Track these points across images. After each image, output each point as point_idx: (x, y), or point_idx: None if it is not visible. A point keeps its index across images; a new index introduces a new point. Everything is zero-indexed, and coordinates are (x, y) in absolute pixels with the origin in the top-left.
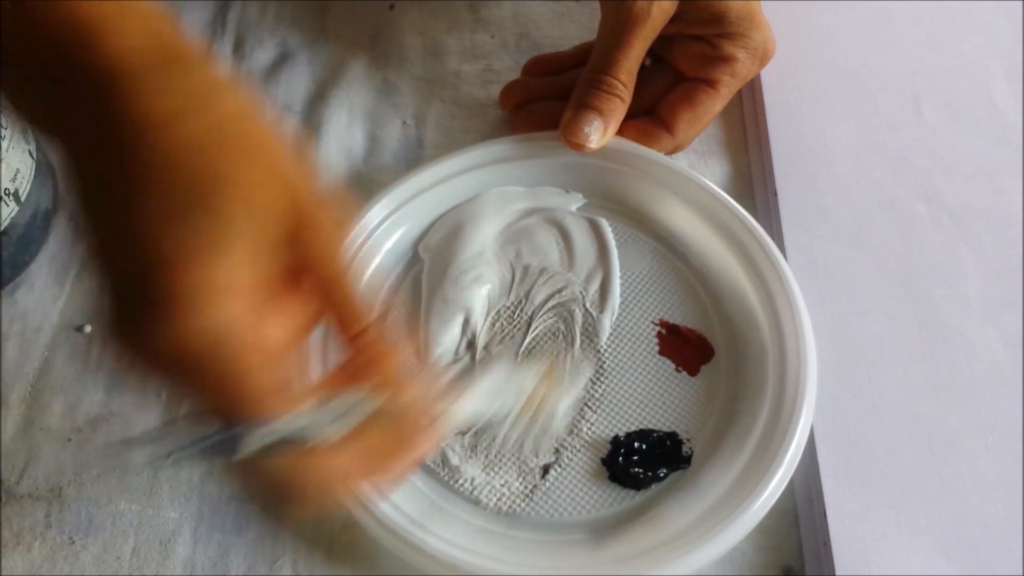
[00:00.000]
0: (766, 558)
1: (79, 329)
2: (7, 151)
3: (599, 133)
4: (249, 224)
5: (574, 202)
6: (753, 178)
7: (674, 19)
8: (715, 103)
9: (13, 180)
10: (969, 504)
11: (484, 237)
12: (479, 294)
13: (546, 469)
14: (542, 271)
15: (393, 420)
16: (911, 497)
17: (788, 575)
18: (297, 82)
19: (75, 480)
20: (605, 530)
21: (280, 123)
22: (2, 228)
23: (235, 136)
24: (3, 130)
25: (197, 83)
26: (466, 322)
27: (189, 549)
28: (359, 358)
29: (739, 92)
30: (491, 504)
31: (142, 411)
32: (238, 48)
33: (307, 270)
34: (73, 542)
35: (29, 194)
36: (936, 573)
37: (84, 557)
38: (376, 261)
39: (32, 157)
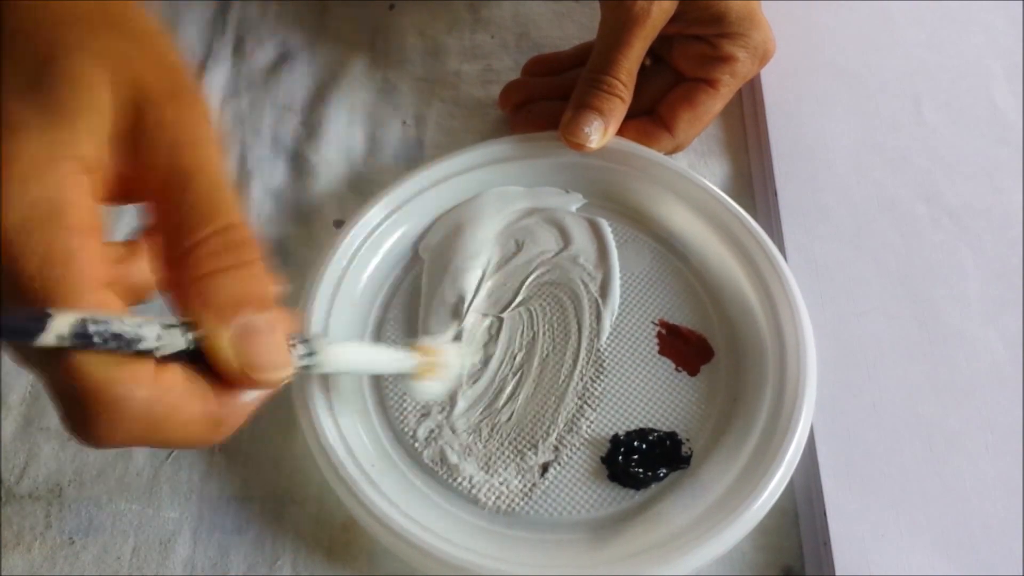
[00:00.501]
0: (766, 558)
1: None
2: None
3: (599, 133)
4: (93, 98)
5: (574, 202)
6: (753, 178)
7: (674, 19)
8: (715, 103)
9: None
10: (969, 504)
11: (484, 237)
12: (474, 275)
13: (545, 468)
14: (542, 252)
15: (227, 352)
16: (911, 497)
17: (788, 575)
18: (297, 82)
19: (75, 480)
20: (604, 529)
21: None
22: None
23: (97, 16)
24: None
25: None
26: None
27: (189, 549)
28: (197, 265)
29: (739, 92)
30: (490, 503)
31: None
32: (238, 48)
33: (146, 162)
34: (73, 542)
35: None
36: (936, 573)
37: (84, 557)
38: (375, 261)
39: None
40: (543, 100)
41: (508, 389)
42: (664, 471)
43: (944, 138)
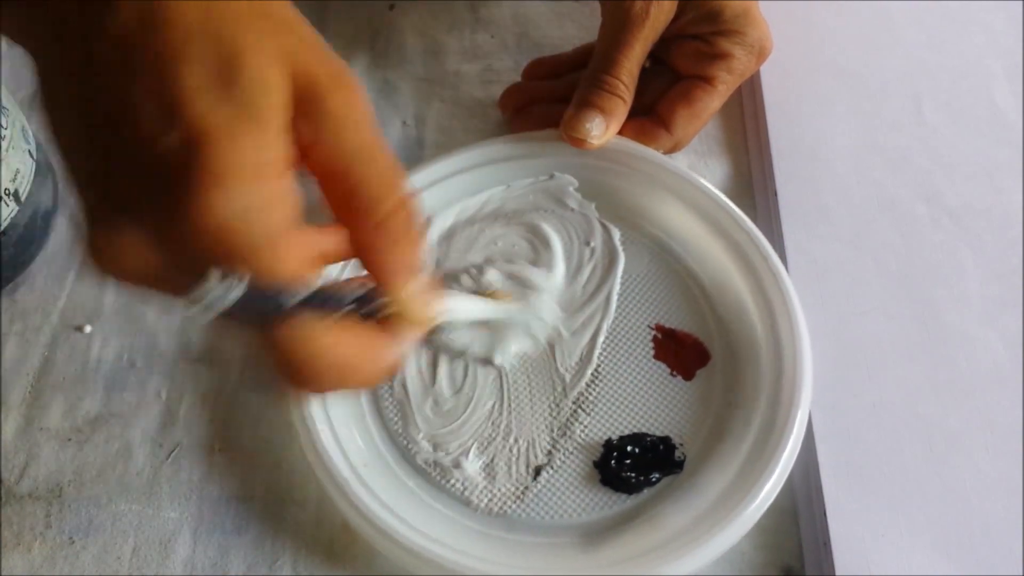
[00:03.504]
0: (766, 558)
1: (79, 329)
2: (7, 151)
3: (600, 130)
4: (276, 96)
5: (568, 184)
6: (753, 178)
7: (672, 18)
8: (713, 100)
9: (13, 180)
10: (969, 504)
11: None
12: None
13: (538, 471)
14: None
15: (400, 308)
16: (911, 497)
17: (788, 575)
18: None
19: (75, 480)
20: (597, 533)
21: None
22: (2, 228)
23: (250, 6)
24: (3, 130)
25: None
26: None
27: (189, 549)
28: (377, 243)
29: (739, 92)
30: (482, 505)
31: (142, 411)
32: None
33: (320, 145)
34: (73, 542)
35: (29, 194)
36: (936, 573)
37: (84, 557)
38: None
39: (32, 157)
40: (543, 103)
41: (503, 392)
42: (657, 476)
43: (944, 138)
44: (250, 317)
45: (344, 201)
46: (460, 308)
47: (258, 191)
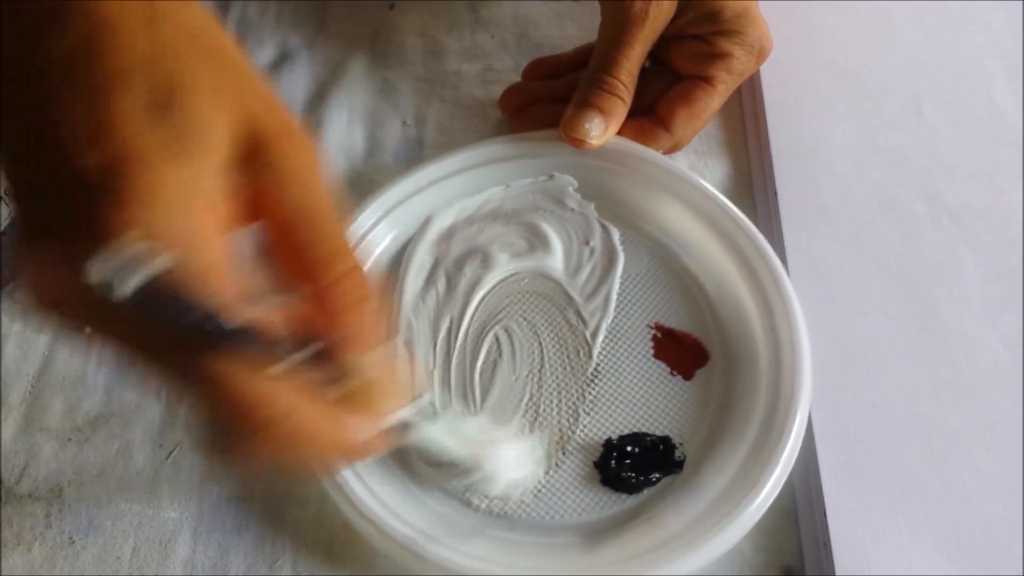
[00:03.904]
0: (766, 558)
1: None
2: None
3: (600, 130)
4: (214, 133)
5: (568, 185)
6: (753, 178)
7: (671, 18)
8: (712, 100)
9: None
10: (969, 504)
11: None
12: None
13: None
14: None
15: (362, 385)
16: (911, 497)
17: (788, 575)
18: (297, 82)
19: (75, 480)
20: (598, 533)
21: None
22: (2, 228)
23: (201, 46)
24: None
25: None
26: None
27: (189, 549)
28: (326, 305)
29: (739, 92)
30: (482, 506)
31: (142, 411)
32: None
33: (268, 196)
34: (73, 542)
35: None
36: (936, 573)
37: (84, 557)
38: (367, 265)
39: None
40: (543, 103)
41: (506, 389)
42: (657, 476)
43: (944, 138)
44: (172, 325)
45: (291, 261)
46: (435, 432)
47: (185, 218)
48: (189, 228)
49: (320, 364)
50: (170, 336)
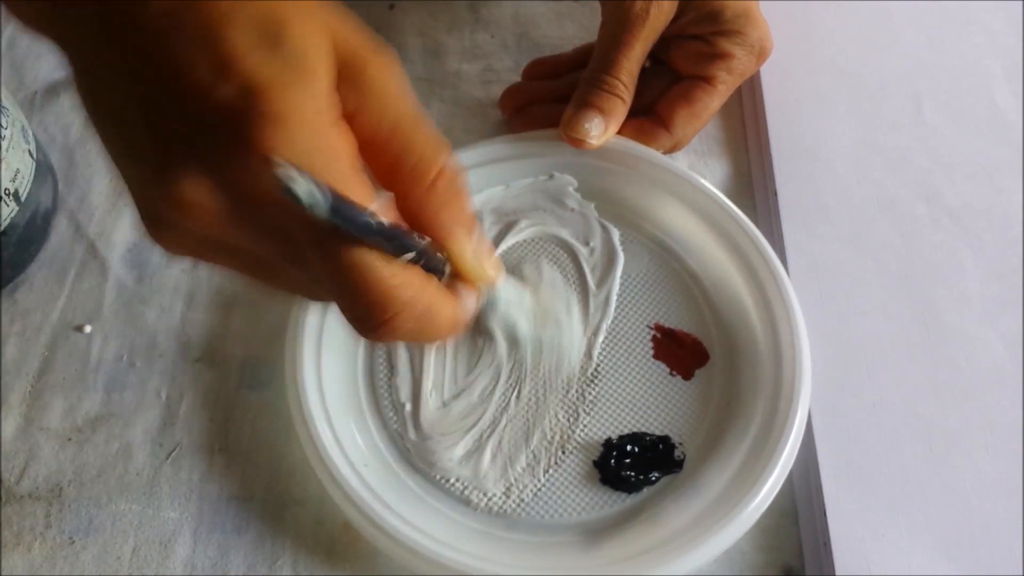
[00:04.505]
0: (766, 558)
1: (79, 329)
2: (7, 151)
3: (600, 130)
4: (320, 59)
5: (568, 185)
6: (753, 178)
7: (672, 19)
8: (713, 100)
9: (13, 180)
10: (969, 504)
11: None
12: None
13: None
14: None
15: (466, 267)
16: (911, 497)
17: (788, 575)
18: None
19: (75, 480)
20: (597, 532)
21: None
22: (2, 228)
23: None
24: (3, 130)
25: None
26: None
27: (189, 549)
28: (429, 202)
29: (739, 92)
30: (482, 504)
31: (142, 411)
32: None
33: (364, 111)
34: (73, 542)
35: (29, 194)
36: (936, 573)
37: (84, 557)
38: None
39: (32, 157)
40: (543, 103)
41: (503, 391)
42: (656, 475)
43: (944, 138)
44: (332, 237)
45: (391, 168)
46: (510, 286)
47: (317, 134)
48: (328, 143)
49: (431, 252)
50: (313, 236)
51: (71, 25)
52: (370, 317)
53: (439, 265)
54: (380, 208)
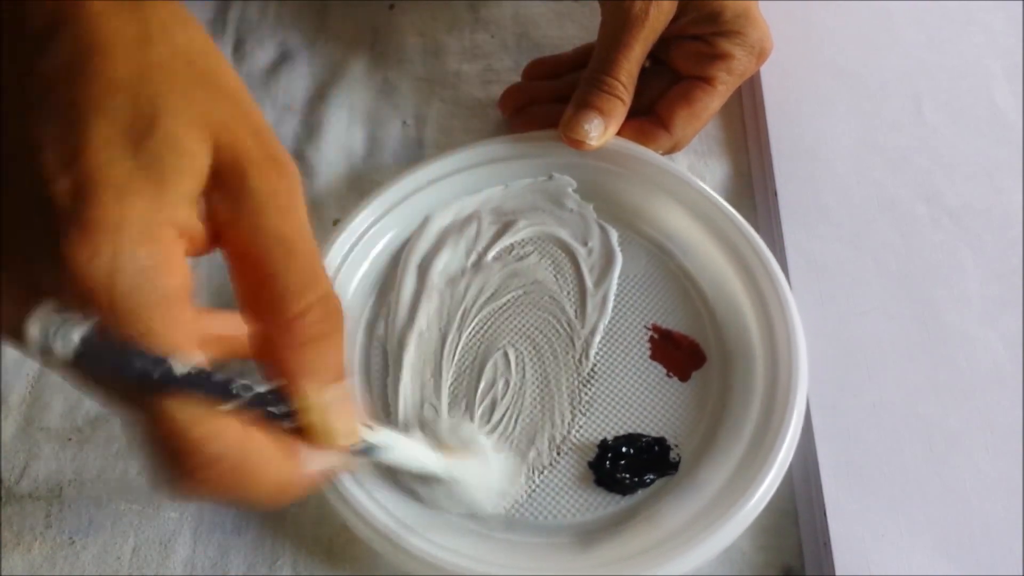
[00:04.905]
0: (766, 558)
1: None
2: None
3: (599, 131)
4: (192, 160)
5: (567, 185)
6: (753, 178)
7: (671, 19)
8: (712, 101)
9: None
10: (969, 504)
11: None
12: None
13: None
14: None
15: (320, 418)
16: (911, 497)
17: (788, 575)
18: (297, 82)
19: (75, 480)
20: (594, 533)
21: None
22: None
23: (192, 69)
24: None
25: (157, 12)
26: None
27: (189, 549)
28: (291, 336)
29: (739, 92)
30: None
31: None
32: (238, 48)
33: (242, 222)
34: (73, 542)
35: None
36: (936, 573)
37: (84, 557)
38: (363, 268)
39: None
40: (543, 103)
41: (500, 392)
42: (651, 477)
43: (944, 138)
44: (120, 380)
45: (256, 291)
46: (400, 450)
47: (141, 252)
48: (154, 260)
49: (278, 398)
50: (118, 381)
51: None
52: (167, 469)
53: (283, 415)
54: (193, 340)
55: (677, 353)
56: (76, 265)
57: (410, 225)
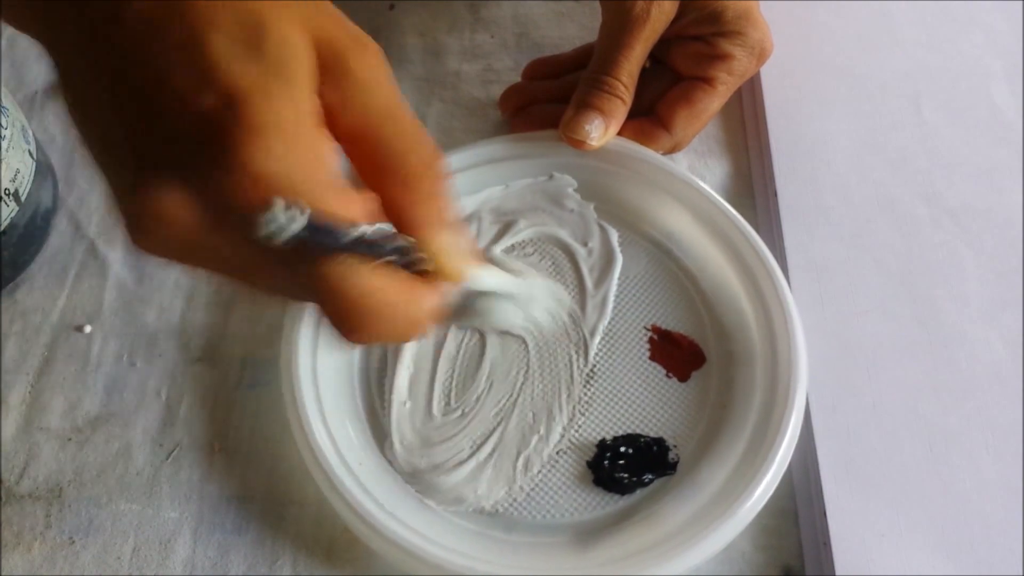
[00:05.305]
0: (766, 558)
1: (79, 329)
2: (7, 151)
3: (600, 131)
4: (302, 57)
5: (567, 185)
6: (753, 178)
7: (672, 19)
8: (713, 101)
9: (13, 180)
10: (969, 504)
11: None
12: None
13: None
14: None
15: (445, 259)
16: (911, 497)
17: (788, 575)
18: None
19: (75, 480)
20: (592, 533)
21: None
22: (2, 228)
23: None
24: (3, 130)
25: None
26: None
27: (189, 549)
28: (409, 195)
29: (739, 92)
30: (476, 505)
31: (142, 411)
32: None
33: (347, 103)
34: (73, 542)
35: (29, 194)
36: (936, 573)
37: (84, 557)
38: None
39: (32, 157)
40: (543, 103)
41: (501, 392)
42: (650, 477)
43: (944, 138)
44: (308, 251)
45: (372, 163)
46: (491, 277)
47: (298, 143)
48: (308, 152)
49: (410, 251)
50: (291, 254)
51: (53, 26)
52: (344, 323)
53: (417, 262)
54: (359, 213)
55: (677, 353)
56: (254, 164)
57: None
